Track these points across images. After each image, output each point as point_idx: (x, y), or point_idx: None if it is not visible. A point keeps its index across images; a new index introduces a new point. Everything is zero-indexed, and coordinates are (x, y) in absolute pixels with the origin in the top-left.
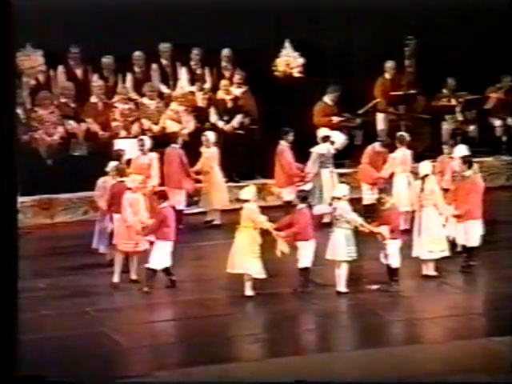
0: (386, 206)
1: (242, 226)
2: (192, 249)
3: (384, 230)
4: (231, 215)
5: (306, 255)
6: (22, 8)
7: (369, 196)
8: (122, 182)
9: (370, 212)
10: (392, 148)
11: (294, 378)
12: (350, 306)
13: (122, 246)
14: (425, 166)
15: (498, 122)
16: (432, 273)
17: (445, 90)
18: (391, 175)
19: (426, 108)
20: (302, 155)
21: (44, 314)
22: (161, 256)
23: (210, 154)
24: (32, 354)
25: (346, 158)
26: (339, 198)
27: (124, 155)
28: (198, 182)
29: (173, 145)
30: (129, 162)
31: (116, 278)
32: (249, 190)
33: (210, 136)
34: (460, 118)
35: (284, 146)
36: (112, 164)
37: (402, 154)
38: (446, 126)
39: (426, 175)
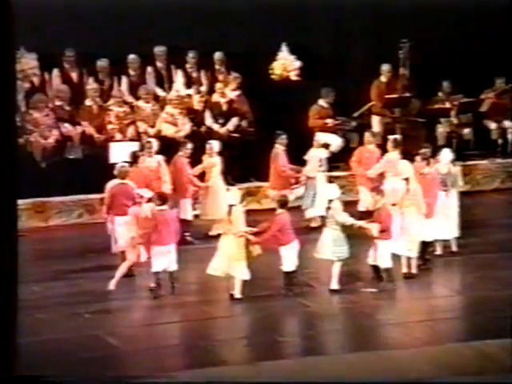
0: (377, 206)
1: (228, 230)
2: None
3: (374, 226)
4: None
5: (289, 259)
6: (16, 11)
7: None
8: (122, 183)
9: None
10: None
11: (286, 380)
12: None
13: (130, 256)
14: (406, 167)
15: (493, 125)
16: (413, 271)
17: (440, 93)
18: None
19: (421, 111)
20: (297, 158)
21: (40, 318)
22: (159, 259)
23: (213, 163)
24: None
25: (341, 161)
26: (332, 200)
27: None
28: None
29: (179, 153)
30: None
31: (112, 286)
32: (234, 194)
33: (215, 145)
34: (455, 121)
35: (279, 149)
36: (118, 166)
37: (394, 157)
38: (441, 129)
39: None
